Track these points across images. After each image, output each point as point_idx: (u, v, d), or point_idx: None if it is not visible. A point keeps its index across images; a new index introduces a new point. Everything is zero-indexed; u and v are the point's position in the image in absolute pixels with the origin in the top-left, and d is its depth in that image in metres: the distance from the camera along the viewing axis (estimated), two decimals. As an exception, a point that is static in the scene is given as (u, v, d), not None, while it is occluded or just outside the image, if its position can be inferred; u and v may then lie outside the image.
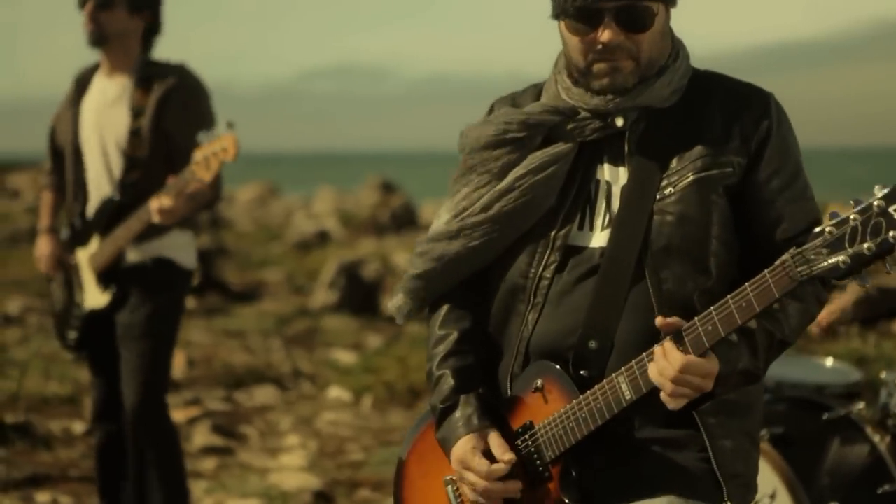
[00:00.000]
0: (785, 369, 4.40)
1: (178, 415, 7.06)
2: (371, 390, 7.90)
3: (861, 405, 4.12)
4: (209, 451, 6.60)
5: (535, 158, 2.51)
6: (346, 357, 9.27)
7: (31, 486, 5.78)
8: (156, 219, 4.38)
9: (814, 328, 4.13)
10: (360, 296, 11.57)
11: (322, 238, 18.05)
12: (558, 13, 2.48)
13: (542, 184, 2.49)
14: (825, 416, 4.09)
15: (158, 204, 4.33)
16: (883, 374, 4.10)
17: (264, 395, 8.07)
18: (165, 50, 4.83)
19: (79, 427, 6.83)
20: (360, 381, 8.11)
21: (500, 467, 2.48)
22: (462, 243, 2.54)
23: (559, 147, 2.50)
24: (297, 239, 17.85)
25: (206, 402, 7.70)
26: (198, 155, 4.31)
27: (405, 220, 19.87)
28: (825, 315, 4.12)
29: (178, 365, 8.51)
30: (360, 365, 8.67)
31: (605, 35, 2.41)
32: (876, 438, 4.03)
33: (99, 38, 4.60)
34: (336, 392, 8.08)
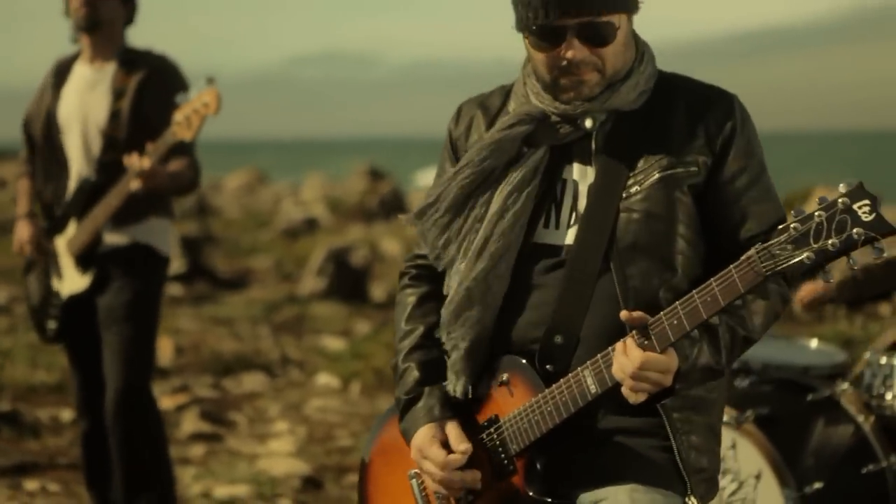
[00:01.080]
0: (770, 351, 4.41)
1: (167, 402, 7.06)
2: (359, 376, 7.91)
3: (845, 386, 4.14)
4: (198, 437, 6.60)
5: (518, 173, 2.52)
6: (334, 343, 9.28)
7: (19, 474, 5.78)
8: (135, 185, 4.36)
9: (797, 303, 4.14)
10: (348, 282, 11.57)
11: (310, 225, 18.04)
12: (521, 28, 2.50)
13: (531, 196, 2.51)
14: (810, 397, 4.11)
15: (139, 165, 4.31)
16: (867, 355, 4.11)
17: (253, 381, 8.07)
18: (153, 36, 4.83)
19: (66, 415, 6.82)
20: (349, 367, 8.12)
21: (455, 457, 2.51)
22: (496, 288, 2.53)
23: (535, 156, 2.52)
24: (285, 226, 17.84)
25: (195, 389, 7.71)
26: (178, 115, 4.33)
27: (394, 207, 19.86)
28: (808, 291, 4.14)
29: (167, 352, 8.51)
30: (348, 351, 8.68)
31: (569, 52, 2.44)
32: (860, 418, 4.06)
33: (92, 22, 4.61)
34: (324, 378, 8.09)
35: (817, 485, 3.94)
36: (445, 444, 2.53)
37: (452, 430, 2.53)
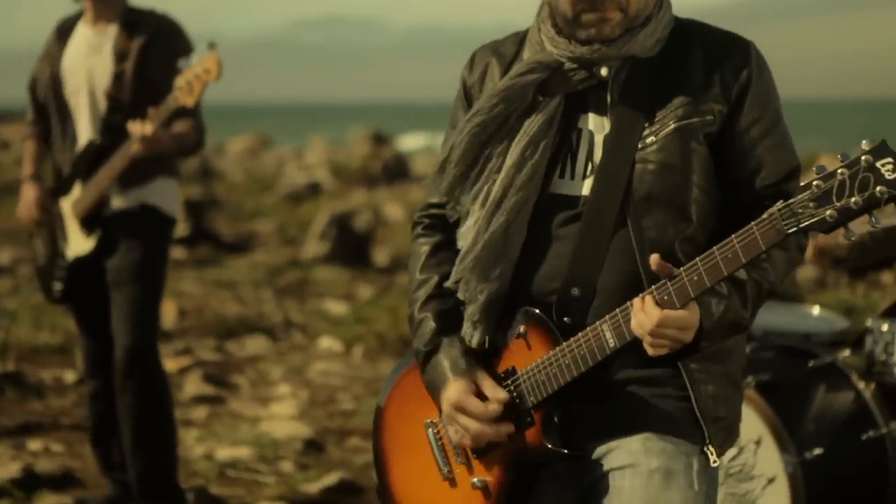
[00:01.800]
0: (772, 317, 4.42)
1: (170, 364, 7.08)
2: (362, 340, 7.93)
3: (847, 353, 4.15)
4: (200, 400, 6.63)
5: (534, 123, 2.50)
6: (337, 307, 9.30)
7: (23, 434, 5.81)
8: (137, 148, 4.36)
9: (808, 251, 4.12)
10: (351, 247, 11.59)
11: (313, 189, 18.03)
12: None
13: (548, 147, 2.49)
14: (811, 364, 4.12)
15: (141, 130, 4.32)
16: (869, 322, 4.12)
17: (255, 345, 8.10)
18: (156, 0, 4.82)
19: (70, 376, 6.85)
20: (351, 331, 8.14)
21: (494, 406, 2.49)
22: (516, 240, 2.51)
23: (548, 104, 2.50)
24: (288, 190, 17.83)
25: (198, 352, 7.73)
26: (180, 80, 4.32)
27: (397, 172, 19.85)
28: (823, 239, 4.11)
29: (170, 315, 8.53)
30: (351, 315, 8.70)
31: None
32: (861, 385, 4.07)
33: None
34: (327, 342, 8.12)
35: (817, 451, 3.95)
36: (479, 396, 2.52)
37: (485, 380, 2.52)
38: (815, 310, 4.71)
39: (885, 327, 4.06)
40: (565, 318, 2.46)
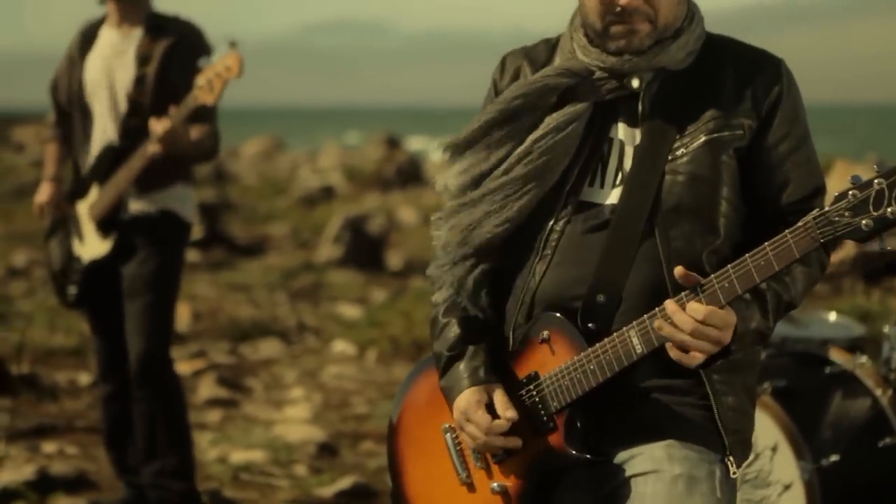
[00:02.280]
0: (788, 323, 4.41)
1: (184, 367, 7.09)
2: (376, 344, 7.93)
3: (863, 359, 4.13)
4: (214, 403, 6.64)
5: (553, 119, 2.52)
6: (350, 311, 9.30)
7: (38, 436, 5.83)
8: (154, 146, 4.37)
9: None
10: (365, 250, 11.59)
11: (327, 193, 18.06)
12: None
13: (560, 143, 2.50)
14: (827, 370, 4.10)
15: (161, 127, 4.32)
16: (886, 328, 4.10)
17: (269, 348, 8.11)
18: (170, 2, 4.83)
19: (84, 378, 6.87)
20: (365, 334, 8.15)
21: (500, 423, 2.50)
22: (484, 209, 2.53)
23: (575, 106, 2.52)
24: (302, 193, 17.86)
25: (212, 355, 7.74)
26: (200, 79, 4.33)
27: (410, 175, 19.87)
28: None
29: (184, 318, 8.55)
30: (364, 319, 8.71)
31: None
32: (878, 392, 4.05)
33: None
34: (341, 346, 8.12)
35: (833, 457, 3.93)
36: (490, 408, 2.52)
37: (499, 395, 2.52)
38: (832, 316, 4.69)
39: (902, 334, 4.04)
40: (590, 324, 2.46)
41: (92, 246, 4.69)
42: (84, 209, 4.71)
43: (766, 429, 3.97)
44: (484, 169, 2.55)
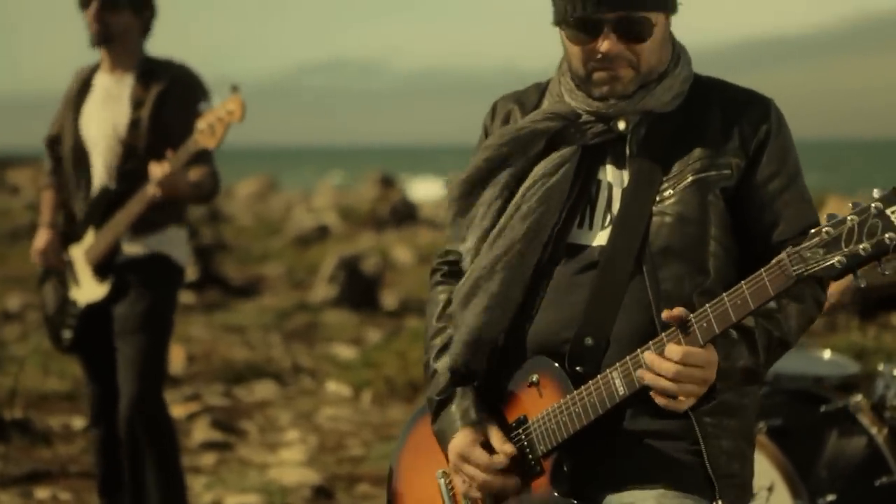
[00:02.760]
0: (783, 361, 4.36)
1: (178, 410, 7.06)
2: (371, 385, 7.90)
3: (859, 397, 4.12)
4: (208, 446, 6.60)
5: (541, 167, 2.53)
6: (345, 352, 9.28)
7: (31, 482, 5.79)
8: (154, 190, 4.37)
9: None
10: (359, 290, 11.57)
11: (322, 232, 18.05)
12: (559, 21, 2.50)
13: (553, 188, 2.51)
14: (823, 409, 4.08)
15: (160, 171, 4.32)
16: (880, 366, 4.10)
17: (264, 390, 8.08)
18: (164, 45, 4.85)
19: (78, 423, 6.83)
20: (360, 375, 8.11)
21: (500, 459, 2.49)
22: (501, 278, 2.51)
23: (563, 151, 2.53)
24: (296, 233, 17.86)
25: (206, 398, 7.71)
26: (201, 123, 4.33)
27: (405, 215, 19.88)
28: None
29: (178, 360, 8.52)
30: (359, 360, 8.68)
31: (604, 45, 2.44)
32: (873, 430, 4.03)
33: (104, 37, 4.64)
34: (336, 387, 8.09)
35: (830, 497, 3.91)
36: (485, 446, 2.52)
37: (493, 432, 2.52)
38: (826, 353, 4.68)
39: (896, 371, 4.03)
40: (578, 368, 2.46)
41: (88, 290, 4.68)
42: (79, 253, 4.70)
43: (762, 468, 3.94)
44: (485, 226, 2.55)
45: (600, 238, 2.50)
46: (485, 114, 2.71)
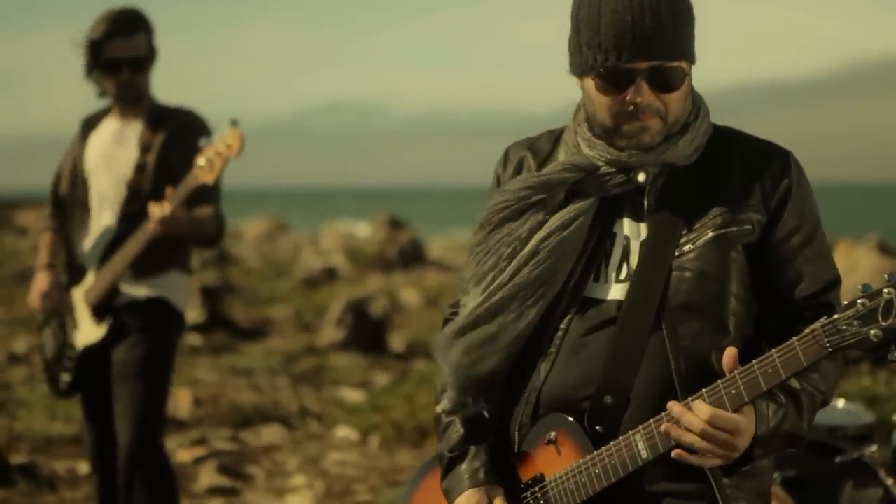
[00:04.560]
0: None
1: (184, 454, 7.01)
2: (379, 429, 7.84)
3: (874, 448, 4.07)
4: (215, 491, 6.54)
5: (557, 218, 2.49)
6: (353, 395, 9.23)
7: (36, 528, 5.74)
8: (155, 227, 4.35)
9: None
10: (367, 333, 11.53)
11: (330, 274, 18.03)
12: (585, 71, 2.44)
13: (567, 241, 2.47)
14: (838, 460, 4.04)
15: (160, 210, 4.31)
16: (895, 417, 4.05)
17: (271, 434, 8.02)
18: (169, 89, 4.87)
19: (83, 468, 6.78)
20: (368, 419, 8.06)
21: None
22: (501, 320, 2.48)
23: (580, 203, 2.49)
24: (304, 275, 17.83)
25: (213, 442, 7.66)
26: (200, 159, 4.32)
27: (413, 257, 19.86)
28: None
29: (185, 403, 8.47)
30: (367, 403, 8.62)
31: (636, 96, 2.39)
32: (889, 482, 3.99)
33: (138, 97, 4.66)
34: (343, 431, 8.04)
35: (846, 549, 3.86)
36: None
37: (498, 499, 2.49)
38: (840, 402, 4.63)
39: (912, 422, 3.99)
40: (598, 427, 2.42)
41: (86, 332, 4.65)
42: (79, 295, 4.68)
43: (777, 520, 3.90)
44: (494, 273, 2.50)
45: (615, 292, 2.46)
46: (487, 155, 2.67)
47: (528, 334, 2.49)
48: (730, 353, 2.28)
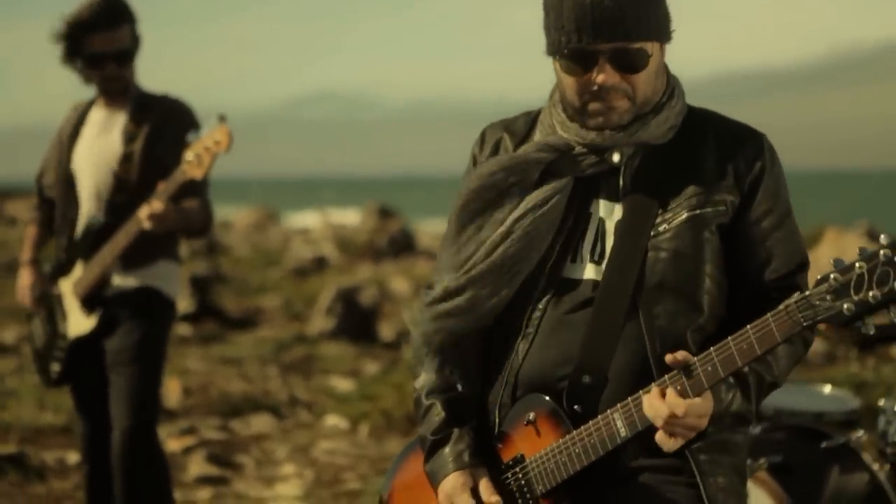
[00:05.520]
0: (783, 397, 4.36)
1: (174, 444, 7.01)
2: (368, 418, 7.85)
3: (860, 433, 4.08)
4: (204, 480, 6.54)
5: (532, 198, 2.50)
6: (343, 384, 9.23)
7: (25, 517, 5.74)
8: (146, 225, 4.35)
9: None
10: (357, 322, 11.53)
11: (320, 264, 18.01)
12: (553, 52, 2.48)
13: (541, 221, 2.49)
14: (824, 445, 4.05)
15: (149, 209, 4.31)
16: (881, 402, 4.06)
17: (261, 423, 8.02)
18: (157, 79, 4.86)
19: (73, 458, 6.77)
20: (357, 408, 8.07)
21: None
22: (471, 294, 2.51)
23: (555, 183, 2.50)
24: (294, 264, 17.82)
25: (202, 431, 7.65)
26: (189, 154, 4.33)
27: (403, 246, 19.85)
28: None
29: (174, 393, 8.47)
30: (357, 392, 8.63)
31: (599, 77, 2.43)
32: (875, 467, 4.00)
33: (125, 89, 4.65)
34: (333, 420, 8.04)
35: (832, 534, 3.87)
36: (474, 492, 2.50)
37: (484, 481, 2.50)
38: (827, 388, 4.65)
39: (898, 407, 4.00)
40: (576, 406, 2.44)
41: (76, 323, 4.65)
42: (68, 287, 4.68)
43: (763, 505, 3.91)
44: (469, 252, 2.53)
45: (590, 271, 2.48)
46: (473, 146, 2.69)
47: (501, 310, 2.51)
48: (669, 357, 2.30)
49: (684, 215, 2.44)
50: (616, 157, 2.49)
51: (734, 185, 2.46)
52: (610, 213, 2.49)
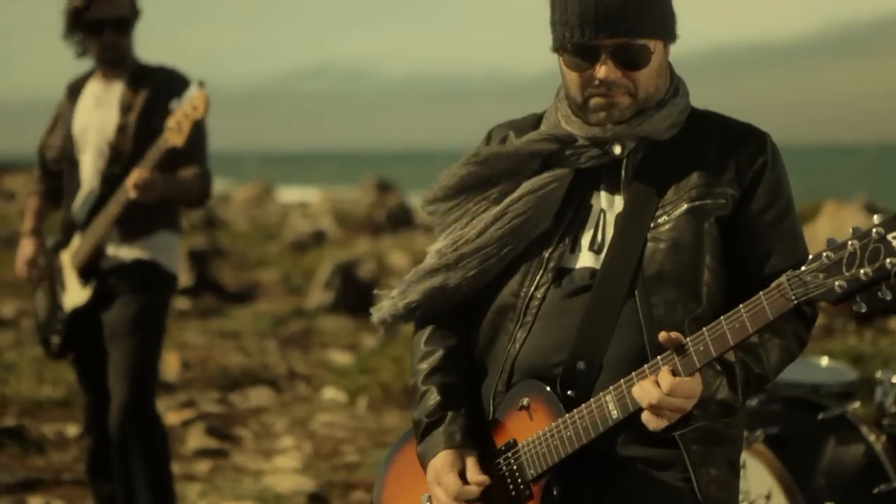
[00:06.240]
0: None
1: (173, 417, 7.03)
2: (366, 391, 7.87)
3: (857, 405, 4.10)
4: (203, 453, 6.57)
5: (530, 183, 2.53)
6: (341, 358, 9.25)
7: (25, 490, 5.75)
8: (132, 194, 4.35)
9: None
10: (355, 296, 11.55)
11: (318, 238, 18.02)
12: (557, 47, 2.51)
13: (535, 204, 2.50)
14: (820, 416, 4.06)
15: (135, 177, 4.32)
16: (878, 374, 4.07)
17: (259, 396, 8.05)
18: (155, 52, 4.85)
19: (72, 430, 6.80)
20: (356, 381, 8.09)
21: (469, 489, 2.48)
22: (461, 273, 2.54)
23: (555, 172, 2.53)
24: (293, 239, 17.82)
25: (201, 404, 7.68)
26: (170, 121, 4.34)
27: (401, 220, 19.85)
28: None
29: (173, 367, 8.49)
30: (355, 366, 8.65)
31: (601, 72, 2.45)
32: (871, 438, 4.01)
33: (122, 59, 4.64)
34: (331, 393, 8.06)
35: (828, 505, 3.89)
36: (463, 473, 2.50)
37: (471, 461, 2.51)
38: (824, 360, 4.66)
39: (895, 379, 4.01)
40: (570, 392, 2.44)
41: (73, 294, 4.66)
42: (67, 258, 4.69)
43: (760, 476, 3.93)
44: (461, 232, 2.55)
45: (588, 260, 2.49)
46: (473, 117, 2.69)
47: (493, 296, 2.53)
48: (663, 335, 2.30)
49: (684, 206, 2.45)
50: (617, 150, 2.50)
51: (735, 179, 2.47)
52: (611, 205, 2.51)
